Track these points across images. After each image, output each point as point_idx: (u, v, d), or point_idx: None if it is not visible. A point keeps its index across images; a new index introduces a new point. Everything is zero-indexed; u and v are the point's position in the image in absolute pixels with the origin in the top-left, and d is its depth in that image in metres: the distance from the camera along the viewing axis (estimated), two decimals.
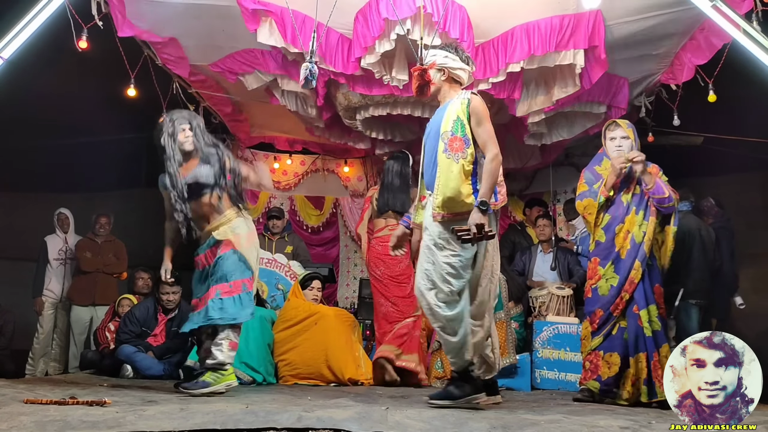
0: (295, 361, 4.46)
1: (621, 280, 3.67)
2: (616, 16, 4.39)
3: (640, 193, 3.76)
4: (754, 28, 3.27)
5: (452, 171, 2.97)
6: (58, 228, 6.19)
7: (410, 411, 2.68)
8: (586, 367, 3.76)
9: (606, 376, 3.63)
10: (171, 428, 2.11)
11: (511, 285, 4.90)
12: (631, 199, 3.76)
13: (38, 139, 6.13)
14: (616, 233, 3.74)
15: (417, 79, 3.15)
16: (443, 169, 3.00)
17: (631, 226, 3.71)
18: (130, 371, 4.64)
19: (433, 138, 3.12)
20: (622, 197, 3.78)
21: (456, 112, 3.05)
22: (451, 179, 2.96)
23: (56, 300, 6.06)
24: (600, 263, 3.77)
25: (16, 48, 3.45)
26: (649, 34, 4.54)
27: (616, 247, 3.71)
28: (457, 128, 3.02)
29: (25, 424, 2.10)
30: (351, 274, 7.46)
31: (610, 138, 3.86)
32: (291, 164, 7.44)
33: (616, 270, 3.69)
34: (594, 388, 3.66)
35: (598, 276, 3.75)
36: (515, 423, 2.43)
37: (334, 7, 3.93)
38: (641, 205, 3.73)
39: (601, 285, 3.72)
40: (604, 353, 3.67)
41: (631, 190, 3.78)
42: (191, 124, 3.55)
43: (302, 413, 2.39)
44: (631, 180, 3.78)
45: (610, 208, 3.79)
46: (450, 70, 3.17)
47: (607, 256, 3.74)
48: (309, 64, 3.26)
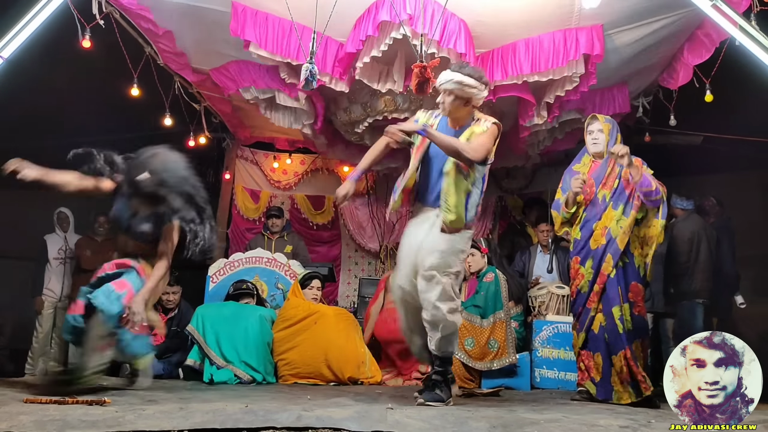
0: (294, 360, 4.46)
1: (594, 273, 3.67)
2: (616, 24, 4.40)
3: (617, 187, 3.72)
4: (753, 27, 3.27)
5: (460, 189, 3.06)
6: (58, 227, 6.20)
7: (410, 410, 2.68)
8: (581, 368, 3.76)
9: (598, 378, 3.64)
10: (170, 427, 2.10)
11: (511, 284, 4.90)
12: (610, 194, 3.72)
13: (39, 138, 6.13)
14: (593, 230, 3.72)
15: (417, 76, 3.15)
16: (452, 185, 3.06)
17: (608, 221, 3.69)
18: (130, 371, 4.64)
19: (443, 156, 3.11)
20: (599, 193, 3.75)
21: (471, 132, 3.14)
22: (460, 202, 3.06)
23: (56, 299, 6.06)
24: (580, 262, 3.76)
25: (16, 47, 3.45)
26: (649, 39, 4.55)
27: (592, 246, 3.71)
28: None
29: (25, 423, 2.10)
30: (352, 272, 7.46)
31: (588, 132, 3.89)
32: (291, 163, 7.45)
33: (592, 266, 3.69)
34: (591, 389, 3.67)
35: (580, 275, 3.74)
36: (515, 422, 2.43)
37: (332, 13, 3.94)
38: (620, 200, 3.69)
39: (583, 285, 3.73)
40: (592, 353, 3.67)
41: (608, 185, 3.74)
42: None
43: (302, 412, 2.39)
44: (606, 175, 3.76)
45: (587, 206, 3.79)
46: (461, 94, 3.12)
47: (585, 255, 3.74)
48: (309, 65, 3.25)
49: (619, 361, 3.57)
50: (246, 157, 7.38)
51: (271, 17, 4.39)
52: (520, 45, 4.54)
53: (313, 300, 4.82)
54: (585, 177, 3.77)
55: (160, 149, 3.27)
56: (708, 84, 4.61)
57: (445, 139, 3.03)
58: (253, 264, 5.42)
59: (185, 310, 4.79)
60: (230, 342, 4.34)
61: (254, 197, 7.37)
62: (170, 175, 3.18)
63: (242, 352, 4.33)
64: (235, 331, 4.40)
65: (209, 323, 4.40)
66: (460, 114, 3.19)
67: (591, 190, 3.77)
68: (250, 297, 4.89)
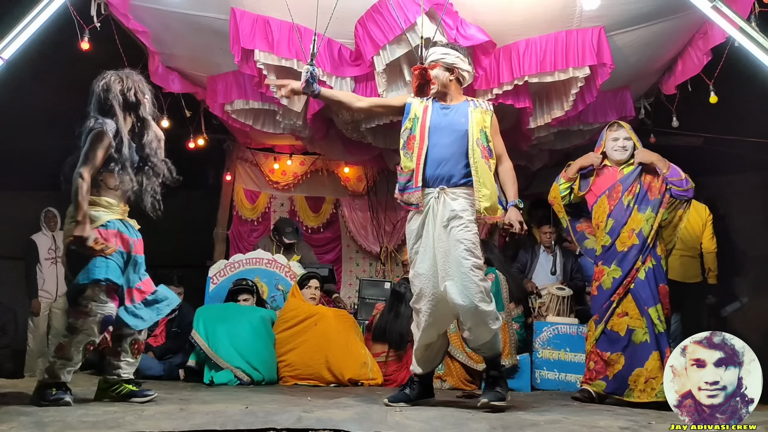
0: (294, 361, 4.46)
1: (624, 272, 3.67)
2: (617, 26, 4.40)
3: (639, 191, 3.76)
4: (753, 28, 3.27)
5: (492, 177, 3.12)
6: (45, 226, 6.12)
7: (410, 411, 2.68)
8: (590, 367, 3.74)
9: (612, 375, 3.63)
10: (171, 428, 2.10)
11: (512, 286, 4.90)
12: (633, 199, 3.76)
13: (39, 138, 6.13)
14: (620, 235, 3.75)
15: (417, 78, 3.15)
16: (486, 174, 3.11)
17: (636, 225, 3.72)
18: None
19: (449, 136, 3.14)
20: (624, 199, 3.78)
21: (481, 123, 3.18)
22: (493, 185, 3.11)
23: (51, 299, 6.04)
24: (604, 263, 3.78)
25: (16, 48, 3.45)
26: (650, 41, 4.55)
27: (618, 248, 3.72)
28: (484, 138, 3.16)
29: (25, 424, 2.10)
30: (353, 274, 7.46)
31: (612, 138, 3.89)
32: (291, 164, 7.44)
33: (619, 264, 3.70)
34: (599, 388, 3.66)
35: (604, 273, 3.76)
36: (515, 423, 2.43)
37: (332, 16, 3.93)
38: (644, 203, 3.74)
39: (605, 280, 3.73)
40: (610, 354, 3.66)
41: (632, 191, 3.78)
42: (150, 93, 3.22)
43: (302, 414, 2.39)
44: (633, 180, 3.79)
45: (613, 212, 3.79)
46: (459, 71, 3.26)
47: (610, 259, 3.75)
48: (310, 67, 3.24)
49: (653, 360, 3.54)
50: (246, 159, 7.38)
51: (272, 21, 4.38)
52: (521, 45, 4.52)
53: (312, 300, 4.81)
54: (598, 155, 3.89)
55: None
56: (712, 85, 4.61)
57: (516, 193, 3.27)
58: (254, 265, 5.41)
59: (185, 312, 4.79)
60: (231, 343, 4.33)
61: (250, 198, 7.35)
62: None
63: (243, 353, 4.32)
64: (235, 333, 4.39)
65: (210, 324, 4.40)
66: (451, 90, 3.27)
67: (617, 195, 3.80)
68: (249, 294, 4.87)
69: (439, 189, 3.10)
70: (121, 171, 2.99)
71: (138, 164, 3.11)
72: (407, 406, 2.98)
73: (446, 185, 3.10)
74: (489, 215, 3.10)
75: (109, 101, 3.03)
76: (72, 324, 2.86)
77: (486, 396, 2.96)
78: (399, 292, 4.74)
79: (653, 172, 3.78)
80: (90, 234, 2.80)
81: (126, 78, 3.12)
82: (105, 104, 3.03)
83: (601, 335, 3.70)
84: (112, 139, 2.93)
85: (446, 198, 3.07)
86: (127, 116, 3.09)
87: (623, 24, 4.37)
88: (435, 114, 3.22)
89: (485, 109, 3.23)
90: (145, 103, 3.14)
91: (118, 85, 3.08)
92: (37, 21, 3.43)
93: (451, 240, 3.02)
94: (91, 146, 2.90)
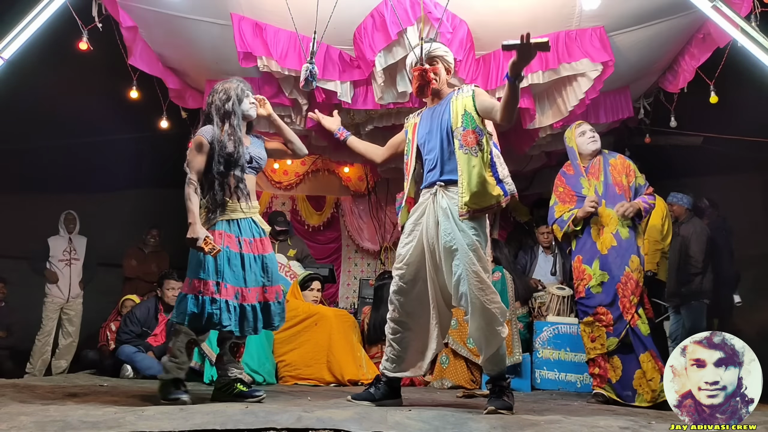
0: (295, 361, 4.46)
1: (615, 279, 3.68)
2: (617, 26, 4.40)
3: (604, 180, 3.88)
4: (753, 28, 3.27)
5: (474, 166, 2.93)
6: (63, 228, 6.21)
7: (410, 411, 2.68)
8: (595, 373, 3.75)
9: (615, 380, 3.64)
10: (171, 428, 2.10)
11: (518, 285, 4.90)
12: (602, 186, 3.86)
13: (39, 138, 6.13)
14: (591, 226, 3.81)
15: (417, 79, 3.13)
16: (464, 166, 2.95)
17: (606, 220, 3.77)
18: (130, 371, 4.64)
19: (435, 136, 3.08)
20: (590, 184, 3.90)
21: (462, 107, 3.03)
22: (474, 174, 2.92)
23: (63, 300, 6.05)
24: (584, 262, 3.80)
25: (16, 48, 3.46)
26: (650, 41, 4.55)
27: (601, 249, 3.75)
28: (468, 122, 3.00)
29: (25, 424, 2.10)
30: (352, 273, 7.46)
31: (579, 134, 4.07)
32: (291, 164, 7.44)
33: (601, 267, 3.73)
34: (609, 392, 3.67)
35: (588, 276, 3.76)
36: (515, 423, 2.43)
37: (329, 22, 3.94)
38: (612, 198, 3.82)
39: (593, 284, 3.74)
40: (609, 357, 3.67)
41: (597, 177, 3.90)
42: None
43: (302, 413, 2.39)
44: (592, 165, 3.96)
45: (579, 201, 3.89)
46: (451, 66, 3.25)
47: (590, 256, 3.78)
48: (309, 65, 3.24)
49: (647, 361, 3.57)
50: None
51: (269, 27, 4.38)
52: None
53: (314, 301, 4.82)
54: (595, 199, 3.86)
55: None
56: (712, 85, 4.61)
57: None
58: None
59: None
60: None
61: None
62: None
63: (243, 353, 4.32)
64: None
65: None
66: (445, 85, 3.21)
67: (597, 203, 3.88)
68: None
69: (435, 189, 3.07)
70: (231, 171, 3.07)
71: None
72: (372, 406, 2.96)
73: (439, 184, 3.06)
74: (476, 207, 2.92)
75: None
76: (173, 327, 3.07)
77: (493, 403, 2.87)
78: (380, 290, 4.77)
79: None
80: (200, 235, 2.88)
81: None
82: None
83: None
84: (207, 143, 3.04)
85: (438, 197, 3.05)
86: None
87: (623, 24, 4.38)
88: (423, 124, 3.20)
89: (466, 93, 3.08)
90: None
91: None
92: (37, 21, 3.43)
93: (462, 270, 2.89)
94: (189, 152, 3.06)
